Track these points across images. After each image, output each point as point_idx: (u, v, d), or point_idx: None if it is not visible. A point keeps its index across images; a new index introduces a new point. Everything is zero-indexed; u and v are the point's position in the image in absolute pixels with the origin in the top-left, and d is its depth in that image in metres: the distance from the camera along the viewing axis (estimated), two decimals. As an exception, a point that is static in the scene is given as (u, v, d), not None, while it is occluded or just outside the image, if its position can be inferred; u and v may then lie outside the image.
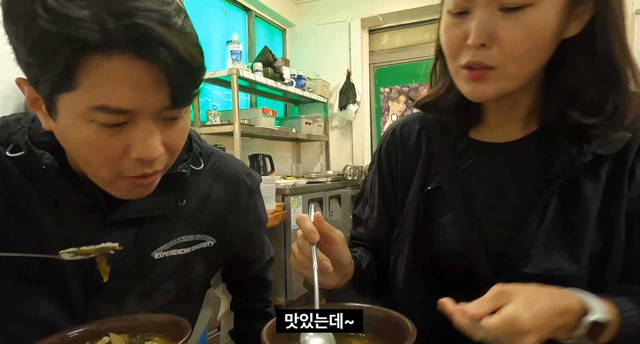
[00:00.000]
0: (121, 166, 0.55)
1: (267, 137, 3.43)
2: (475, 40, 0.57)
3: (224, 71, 2.76)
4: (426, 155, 0.76)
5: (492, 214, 0.68)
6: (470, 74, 0.61)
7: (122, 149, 0.54)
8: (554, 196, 0.63)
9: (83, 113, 0.51)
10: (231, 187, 0.77)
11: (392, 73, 4.16)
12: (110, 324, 0.59)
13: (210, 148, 0.79)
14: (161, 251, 0.69)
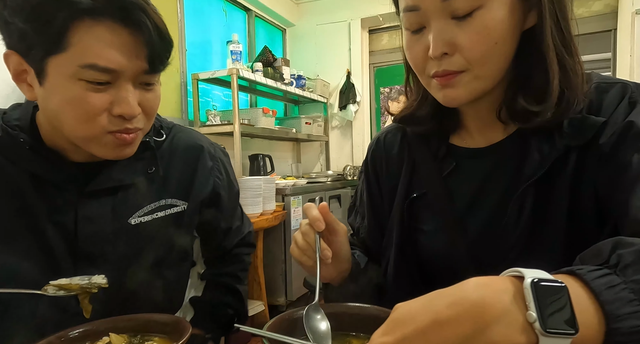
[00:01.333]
0: (104, 121, 0.63)
1: (267, 137, 3.43)
2: (436, 51, 0.59)
3: (224, 71, 2.76)
4: (409, 163, 0.77)
5: (475, 218, 0.69)
6: (441, 80, 0.62)
7: (106, 106, 0.62)
8: (528, 196, 0.62)
9: (73, 72, 0.59)
10: (193, 152, 0.85)
11: (392, 73, 4.17)
12: (110, 324, 0.59)
13: (170, 123, 0.86)
14: (137, 217, 0.75)
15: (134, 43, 0.61)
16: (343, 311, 0.60)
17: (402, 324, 0.36)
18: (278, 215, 2.61)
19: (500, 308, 0.34)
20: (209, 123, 2.85)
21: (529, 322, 0.34)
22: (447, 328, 0.33)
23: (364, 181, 0.85)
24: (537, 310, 0.34)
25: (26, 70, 0.63)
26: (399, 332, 0.35)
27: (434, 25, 0.59)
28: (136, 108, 0.64)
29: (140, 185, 0.76)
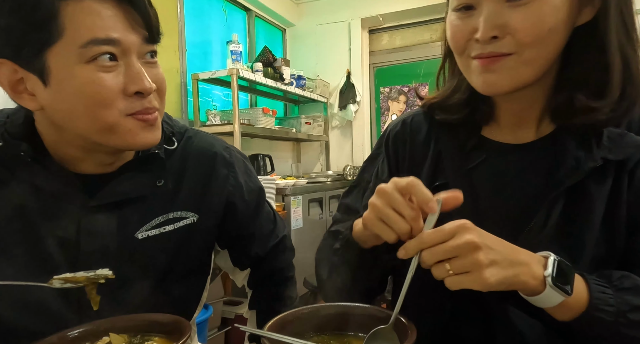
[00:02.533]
0: (121, 103, 0.61)
1: (267, 137, 3.43)
2: (485, 34, 0.57)
3: (224, 71, 2.76)
4: (435, 151, 0.74)
5: (496, 214, 0.67)
6: (483, 61, 0.59)
7: (120, 86, 0.60)
8: (559, 200, 0.62)
9: (77, 56, 0.57)
10: (206, 160, 0.79)
11: (392, 73, 4.17)
12: (110, 324, 0.59)
13: (183, 127, 0.81)
14: (144, 231, 0.71)
15: (126, 12, 0.59)
16: (343, 311, 0.60)
17: (481, 234, 0.51)
18: (278, 215, 2.60)
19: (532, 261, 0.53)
20: (209, 123, 2.85)
21: (544, 276, 0.52)
22: (509, 253, 0.52)
23: (384, 161, 0.79)
24: (552, 271, 0.52)
25: (22, 77, 0.59)
26: (478, 237, 0.50)
27: (486, 6, 0.57)
28: (151, 82, 0.62)
29: (148, 199, 0.71)
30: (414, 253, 0.51)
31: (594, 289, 0.54)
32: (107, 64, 0.58)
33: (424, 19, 3.96)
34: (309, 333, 0.59)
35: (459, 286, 0.50)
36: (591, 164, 0.60)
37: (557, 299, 0.52)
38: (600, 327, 0.54)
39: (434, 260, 0.50)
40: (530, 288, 0.52)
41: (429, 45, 4.04)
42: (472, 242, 0.49)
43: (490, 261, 0.49)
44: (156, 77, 0.65)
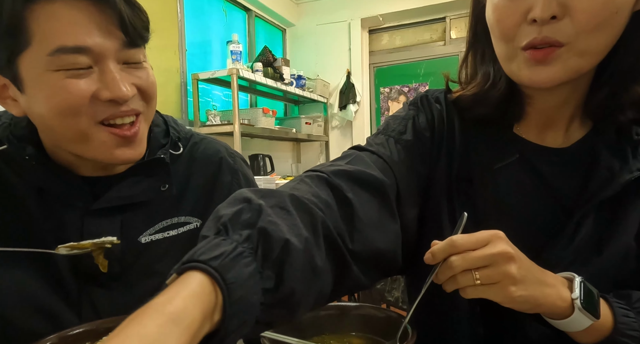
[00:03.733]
0: (91, 110, 0.57)
1: (267, 137, 3.43)
2: (545, 11, 0.49)
3: (224, 71, 2.76)
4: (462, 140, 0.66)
5: (520, 221, 0.62)
6: (536, 54, 0.52)
7: (91, 92, 0.56)
8: (590, 214, 0.58)
9: (45, 64, 0.53)
10: (211, 167, 0.78)
11: (392, 73, 4.17)
12: (110, 324, 0.59)
13: (189, 132, 0.80)
14: (147, 236, 0.70)
15: (101, 16, 0.54)
16: (343, 311, 0.60)
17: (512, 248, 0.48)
18: (278, 215, 2.60)
19: (558, 283, 0.51)
20: (209, 123, 2.85)
21: (572, 298, 0.49)
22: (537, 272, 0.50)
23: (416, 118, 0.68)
24: (580, 293, 0.50)
25: (5, 84, 0.58)
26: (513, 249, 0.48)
27: None
28: (127, 88, 0.57)
29: (152, 203, 0.70)
30: (442, 258, 0.48)
31: (619, 313, 0.52)
32: (78, 72, 0.55)
33: (424, 19, 3.97)
34: (309, 333, 0.59)
35: (476, 296, 0.48)
36: (627, 176, 0.57)
37: (585, 323, 0.50)
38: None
39: (465, 266, 0.47)
40: (557, 311, 0.50)
41: (429, 45, 4.04)
42: (507, 252, 0.47)
43: (521, 276, 0.47)
44: (141, 81, 0.61)
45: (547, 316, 0.52)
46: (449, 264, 0.48)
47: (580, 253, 0.58)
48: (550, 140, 0.63)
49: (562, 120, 0.62)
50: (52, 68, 0.54)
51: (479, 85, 0.63)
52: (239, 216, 0.41)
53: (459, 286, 0.48)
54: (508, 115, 0.63)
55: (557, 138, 0.63)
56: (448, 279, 0.49)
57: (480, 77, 0.64)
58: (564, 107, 0.61)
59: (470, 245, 0.48)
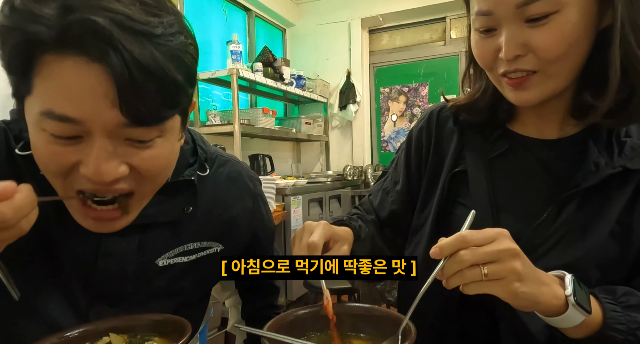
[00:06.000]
0: (73, 177, 0.51)
1: (267, 137, 3.43)
2: (508, 54, 0.58)
3: (224, 71, 2.76)
4: (459, 141, 0.76)
5: (511, 207, 0.68)
6: (512, 82, 0.61)
7: (71, 164, 0.50)
8: (573, 200, 0.63)
9: (36, 120, 0.48)
10: (235, 192, 0.77)
11: (392, 73, 4.17)
12: (110, 324, 0.59)
13: (214, 152, 0.77)
14: (165, 259, 0.68)
15: (104, 85, 0.45)
16: (344, 312, 0.60)
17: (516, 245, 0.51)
18: (278, 215, 2.61)
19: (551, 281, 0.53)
20: (209, 123, 2.85)
21: (565, 295, 0.52)
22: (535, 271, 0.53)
23: (403, 151, 0.85)
24: (573, 290, 0.52)
25: None
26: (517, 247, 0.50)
27: (507, 28, 0.58)
28: (109, 173, 0.49)
29: (174, 225, 0.67)
30: (449, 252, 0.49)
31: (607, 308, 0.55)
32: (62, 141, 0.48)
33: (424, 19, 3.97)
34: (309, 333, 0.59)
35: (479, 292, 0.50)
36: (609, 171, 0.62)
37: (578, 319, 0.52)
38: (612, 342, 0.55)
39: (474, 260, 0.49)
40: (552, 308, 0.52)
41: (429, 45, 4.04)
42: (513, 249, 0.49)
43: (525, 273, 0.50)
44: (141, 162, 0.52)
45: (542, 313, 0.54)
46: (458, 258, 0.49)
47: (564, 236, 0.63)
48: (547, 133, 0.69)
49: (553, 121, 0.69)
50: (40, 126, 0.48)
51: (469, 96, 0.74)
52: None
53: (465, 281, 0.49)
54: (499, 117, 0.73)
55: (553, 131, 0.69)
56: (454, 274, 0.50)
57: (474, 90, 0.74)
58: (553, 112, 0.68)
59: (479, 241, 0.49)
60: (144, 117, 0.48)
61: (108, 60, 0.44)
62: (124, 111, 0.46)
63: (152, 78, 0.46)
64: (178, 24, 0.51)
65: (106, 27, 0.43)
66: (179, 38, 0.50)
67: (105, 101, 0.46)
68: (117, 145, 0.49)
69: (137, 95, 0.46)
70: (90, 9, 0.44)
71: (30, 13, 0.44)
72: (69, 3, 0.44)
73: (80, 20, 0.44)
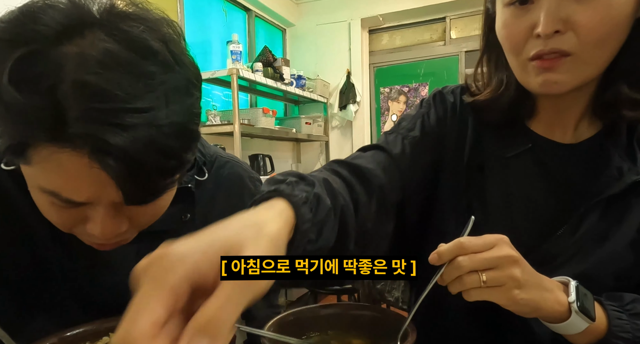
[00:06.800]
0: (79, 230, 0.52)
1: (267, 137, 3.43)
2: (548, 27, 0.53)
3: (224, 71, 2.75)
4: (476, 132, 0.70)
5: (528, 212, 0.65)
6: (543, 63, 0.56)
7: (80, 220, 0.51)
8: (595, 209, 0.61)
9: (38, 188, 0.48)
10: (235, 194, 0.76)
11: (392, 73, 4.16)
12: (110, 324, 0.59)
13: (213, 154, 0.76)
14: None
15: (105, 176, 0.44)
16: (343, 311, 0.60)
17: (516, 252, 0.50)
18: (278, 215, 2.60)
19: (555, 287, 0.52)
20: (209, 123, 2.85)
21: (568, 302, 0.51)
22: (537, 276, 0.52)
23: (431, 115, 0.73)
24: (577, 297, 0.51)
25: None
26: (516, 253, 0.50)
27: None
28: (111, 231, 0.51)
29: (171, 233, 0.65)
30: (448, 259, 0.49)
31: (613, 316, 0.54)
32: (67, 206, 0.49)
33: (424, 19, 3.96)
34: (309, 333, 0.59)
35: (480, 298, 0.49)
36: (634, 177, 0.59)
37: (582, 326, 0.52)
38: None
39: (472, 267, 0.48)
40: (555, 315, 0.52)
41: (429, 45, 4.04)
42: (512, 256, 0.49)
43: (525, 280, 0.49)
44: (144, 217, 0.54)
45: (545, 320, 0.53)
46: (456, 264, 0.49)
47: (583, 246, 0.60)
48: (559, 136, 0.66)
49: (571, 119, 0.65)
50: (43, 193, 0.48)
51: (493, 91, 0.67)
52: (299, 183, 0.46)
53: (465, 288, 0.49)
54: (520, 114, 0.67)
55: (566, 135, 0.66)
56: (454, 280, 0.49)
57: (494, 83, 0.67)
58: (573, 107, 0.64)
59: (478, 247, 0.49)
60: (146, 198, 0.49)
61: (104, 164, 0.43)
62: (126, 198, 0.47)
63: (154, 167, 0.45)
64: (183, 81, 0.48)
65: (101, 136, 0.41)
66: (185, 102, 0.47)
67: (108, 186, 0.45)
68: (121, 208, 0.50)
69: (137, 185, 0.46)
70: (83, 114, 0.41)
71: (21, 111, 0.41)
72: (59, 101, 0.41)
73: (75, 126, 0.41)
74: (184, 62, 0.48)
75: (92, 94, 0.40)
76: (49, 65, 0.40)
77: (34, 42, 0.41)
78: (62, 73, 0.40)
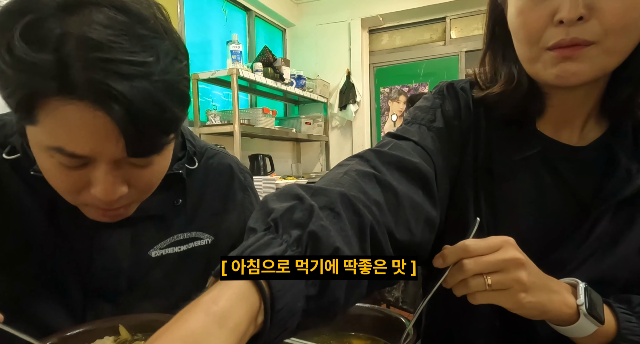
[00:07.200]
0: (83, 197, 0.55)
1: (267, 137, 3.43)
2: (572, 12, 0.49)
3: (224, 71, 2.76)
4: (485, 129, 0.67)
5: (539, 215, 0.63)
6: (563, 52, 0.52)
7: (83, 184, 0.54)
8: (606, 214, 0.59)
9: (44, 149, 0.51)
10: (225, 183, 0.78)
11: (392, 73, 4.17)
12: (111, 323, 0.59)
13: (203, 146, 0.79)
14: (158, 250, 0.69)
15: (108, 127, 0.48)
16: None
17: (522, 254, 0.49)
18: (278, 215, 2.60)
19: (563, 289, 0.51)
20: (209, 123, 2.85)
21: (577, 304, 0.50)
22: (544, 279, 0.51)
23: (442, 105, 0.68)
24: (585, 299, 0.50)
25: None
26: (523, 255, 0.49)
27: None
28: (115, 193, 0.54)
29: (164, 217, 0.70)
30: (452, 261, 0.48)
31: (622, 319, 0.52)
32: (70, 168, 0.53)
33: (424, 19, 3.97)
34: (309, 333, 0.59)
35: (485, 302, 0.48)
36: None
37: (590, 329, 0.51)
38: None
39: (477, 270, 0.47)
40: (563, 317, 0.51)
41: (429, 45, 4.04)
42: (518, 258, 0.48)
43: (531, 283, 0.48)
44: (141, 179, 0.57)
45: (553, 322, 0.53)
46: (460, 267, 0.48)
47: (595, 251, 0.59)
48: (566, 137, 0.64)
49: (579, 118, 0.63)
50: (49, 154, 0.52)
51: (505, 84, 0.63)
52: (291, 214, 0.39)
53: (470, 291, 0.48)
54: (529, 111, 0.64)
55: (573, 136, 0.64)
56: (459, 283, 0.49)
57: (504, 77, 0.64)
58: (582, 106, 0.62)
59: (482, 250, 0.48)
60: (145, 150, 0.53)
61: (109, 109, 0.47)
62: (128, 148, 0.50)
63: (151, 117, 0.49)
64: (173, 49, 0.52)
65: (107, 83, 0.46)
66: (175, 66, 0.52)
67: (110, 139, 0.49)
68: (121, 168, 0.54)
69: (139, 133, 0.49)
70: (88, 61, 0.45)
71: (31, 63, 0.45)
72: (66, 51, 0.45)
73: (81, 75, 0.46)
74: (172, 34, 0.53)
75: (94, 47, 0.45)
76: (54, 27, 0.45)
77: (40, 11, 0.46)
78: (66, 33, 0.45)
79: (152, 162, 0.56)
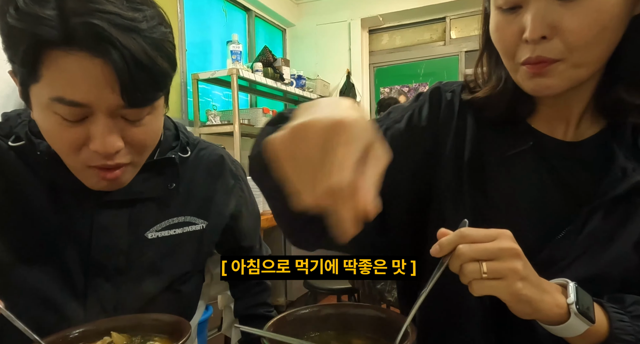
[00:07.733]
0: (82, 155, 0.60)
1: (267, 137, 3.43)
2: (534, 33, 0.52)
3: (224, 71, 2.76)
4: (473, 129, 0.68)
5: (533, 211, 0.63)
6: (532, 69, 0.55)
7: (82, 140, 0.58)
8: (599, 210, 0.59)
9: (46, 104, 0.56)
10: (216, 171, 0.83)
11: (392, 73, 4.17)
12: (110, 323, 0.59)
13: (196, 138, 0.84)
14: (154, 232, 0.73)
15: (106, 75, 0.53)
16: (343, 311, 0.60)
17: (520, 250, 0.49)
18: (278, 215, 2.60)
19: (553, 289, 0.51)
20: (209, 124, 2.85)
21: (567, 303, 0.50)
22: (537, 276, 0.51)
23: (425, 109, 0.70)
24: (576, 298, 0.50)
25: None
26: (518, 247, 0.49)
27: (535, 4, 0.52)
28: (112, 145, 0.58)
29: (159, 200, 0.74)
30: (449, 250, 0.48)
31: (614, 318, 0.52)
32: (71, 122, 0.57)
33: (424, 19, 3.97)
34: (309, 333, 0.59)
35: (485, 292, 0.48)
36: (638, 177, 0.58)
37: (581, 329, 0.51)
38: None
39: (472, 255, 0.47)
40: (554, 317, 0.51)
41: (429, 45, 4.04)
42: (514, 248, 0.48)
43: (526, 274, 0.48)
44: (135, 136, 0.61)
45: (543, 322, 0.53)
46: (457, 252, 0.48)
47: (588, 248, 0.59)
48: (561, 133, 0.64)
49: (573, 115, 0.63)
50: (51, 109, 0.56)
51: (492, 88, 0.65)
52: None
53: (466, 278, 0.48)
54: (520, 111, 0.65)
55: (568, 132, 0.64)
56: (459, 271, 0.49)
57: (494, 80, 0.66)
58: (574, 104, 0.62)
59: (479, 238, 0.48)
60: (139, 100, 0.58)
61: (109, 56, 0.52)
62: (124, 96, 0.55)
63: (145, 68, 0.55)
64: (158, 16, 0.59)
65: (104, 28, 0.52)
66: (160, 29, 0.58)
67: (108, 88, 0.55)
68: (116, 122, 0.59)
69: (134, 83, 0.55)
70: (87, 12, 0.52)
71: (35, 15, 0.51)
72: (67, 6, 0.51)
73: (81, 23, 0.51)
74: (157, 7, 0.61)
75: (93, 1, 0.52)
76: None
77: None
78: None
79: (145, 121, 0.62)
